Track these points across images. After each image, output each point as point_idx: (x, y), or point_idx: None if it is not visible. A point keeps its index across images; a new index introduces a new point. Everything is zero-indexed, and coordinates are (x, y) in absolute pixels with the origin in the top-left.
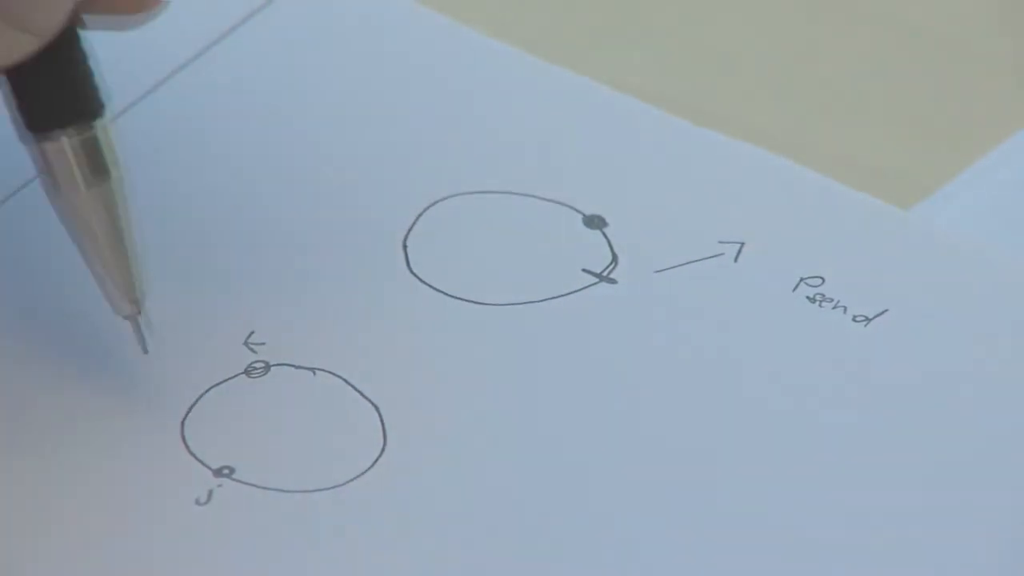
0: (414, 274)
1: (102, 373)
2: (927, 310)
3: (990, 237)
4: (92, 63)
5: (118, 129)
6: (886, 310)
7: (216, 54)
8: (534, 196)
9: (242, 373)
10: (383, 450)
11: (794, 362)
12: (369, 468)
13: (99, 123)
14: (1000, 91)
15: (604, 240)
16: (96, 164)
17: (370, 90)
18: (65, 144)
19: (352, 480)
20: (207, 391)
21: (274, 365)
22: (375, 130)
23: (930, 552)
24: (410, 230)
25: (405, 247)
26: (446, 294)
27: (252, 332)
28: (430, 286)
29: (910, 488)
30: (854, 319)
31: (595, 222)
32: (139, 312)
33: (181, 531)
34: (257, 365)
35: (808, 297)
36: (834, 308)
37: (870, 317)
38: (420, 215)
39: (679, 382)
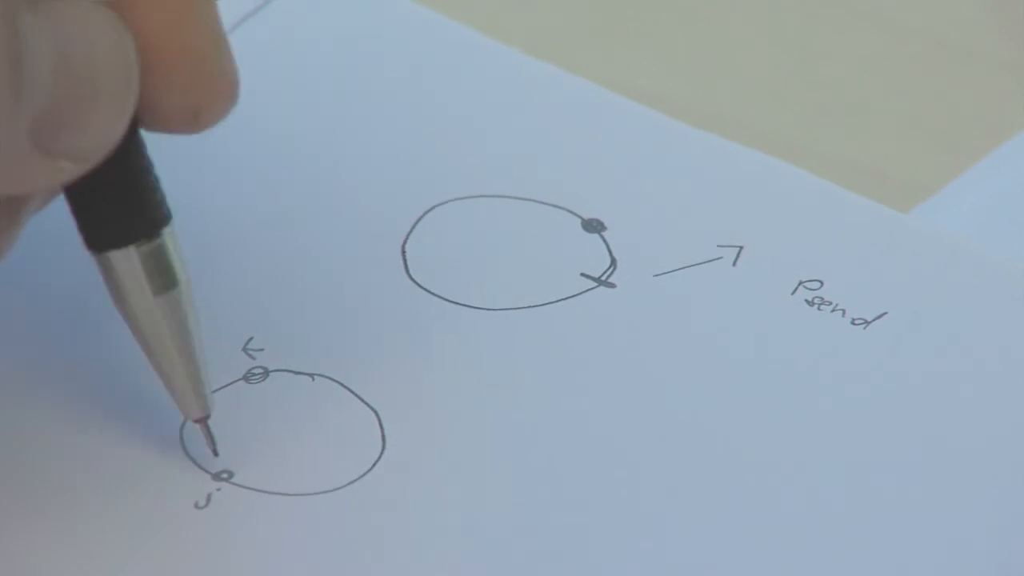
0: (412, 279)
1: (101, 378)
2: (926, 313)
3: (989, 239)
4: (154, 171)
5: None
6: (885, 313)
7: None
8: (532, 200)
9: (241, 379)
10: (381, 454)
11: (793, 365)
12: (367, 472)
13: (166, 232)
14: (1000, 93)
15: (603, 244)
16: (163, 273)
17: (368, 93)
18: (131, 256)
19: (350, 484)
20: None
21: (273, 371)
22: (373, 134)
23: (930, 553)
24: (408, 235)
25: (404, 252)
26: (445, 299)
27: (251, 338)
28: (428, 291)
29: (910, 490)
30: (853, 322)
31: (594, 226)
32: (208, 415)
33: (180, 535)
34: (256, 371)
35: (807, 300)
36: (833, 311)
37: (869, 320)
38: (419, 220)
39: (678, 385)
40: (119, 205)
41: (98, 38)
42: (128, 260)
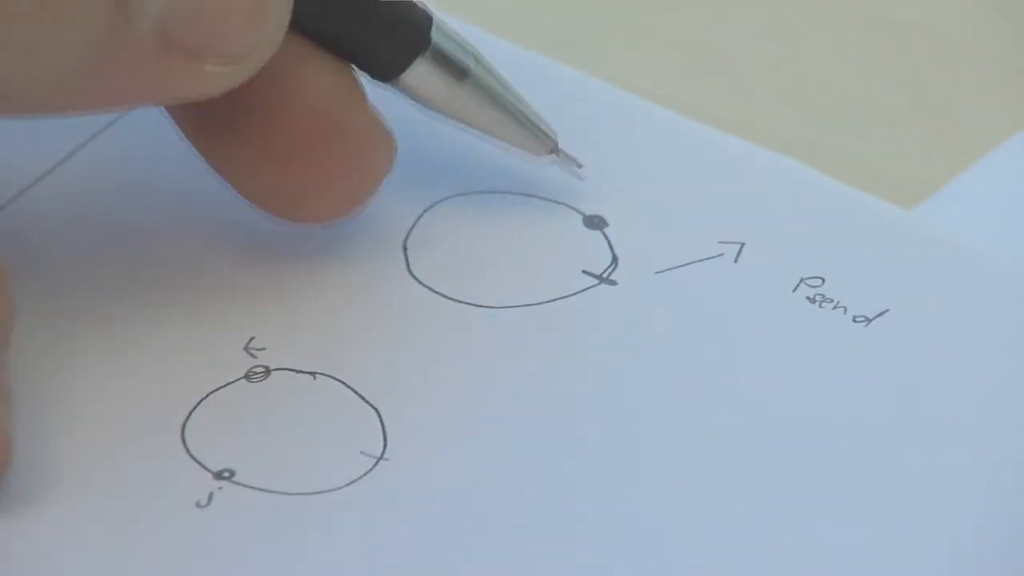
0: (414, 276)
1: (103, 377)
2: (927, 310)
3: (989, 238)
4: None
5: (121, 129)
6: (886, 310)
7: None
8: (534, 196)
9: (242, 378)
10: (383, 452)
11: (794, 362)
12: (369, 471)
13: (434, 33)
14: (1000, 91)
15: (604, 241)
16: (453, 66)
17: (367, 90)
18: (419, 74)
19: (352, 483)
20: (207, 395)
21: (274, 370)
22: None
23: (930, 551)
24: (410, 232)
25: (405, 249)
26: (446, 296)
27: (252, 338)
28: (430, 288)
29: (910, 488)
30: (854, 319)
31: (595, 223)
32: (557, 145)
33: (181, 533)
34: (257, 370)
35: (808, 297)
36: (834, 308)
37: (870, 317)
38: (420, 217)
39: (680, 383)
40: (386, 34)
41: None
42: (421, 73)
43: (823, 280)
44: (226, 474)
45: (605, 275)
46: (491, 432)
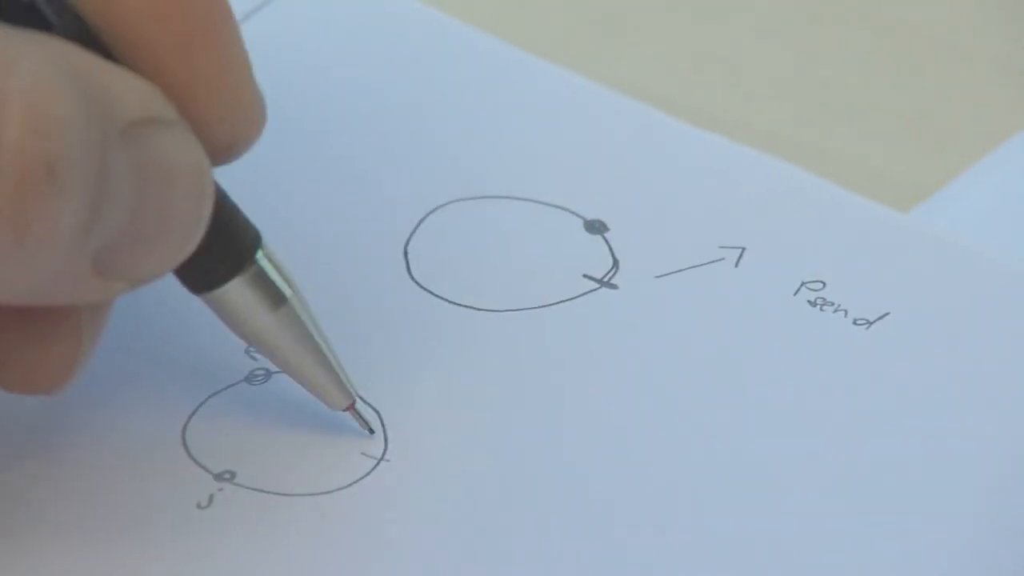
0: (415, 280)
1: (104, 379)
2: (928, 313)
3: (989, 239)
4: (230, 198)
5: None
6: (887, 313)
7: None
8: (535, 201)
9: (243, 380)
10: (383, 455)
11: (796, 366)
12: (370, 472)
13: (260, 253)
14: (999, 92)
15: (605, 245)
16: (270, 292)
17: (369, 93)
18: (234, 291)
19: (352, 484)
20: (208, 398)
21: (275, 372)
22: (375, 134)
23: (931, 554)
24: (411, 236)
25: (406, 253)
26: (447, 300)
27: None
28: (431, 292)
29: (912, 491)
30: (855, 322)
31: (596, 227)
32: (355, 402)
33: (182, 534)
34: (258, 372)
35: (809, 301)
36: (835, 312)
37: (871, 320)
38: (421, 221)
39: (681, 387)
40: (213, 247)
41: (178, 166)
42: (237, 292)
43: (824, 284)
44: (227, 476)
45: (606, 279)
46: (492, 435)
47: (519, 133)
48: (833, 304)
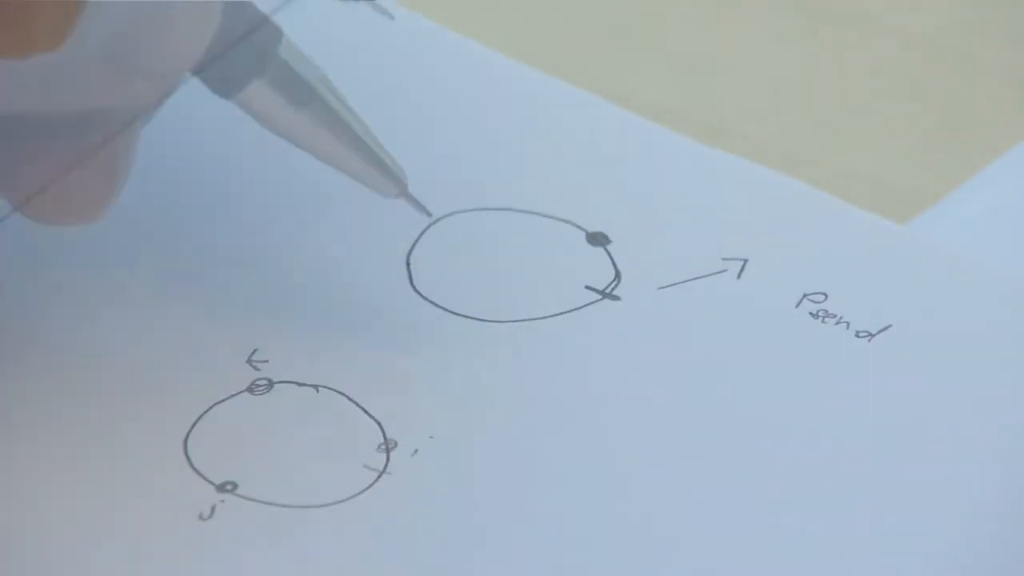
0: (417, 291)
1: (105, 388)
2: (930, 325)
3: (993, 248)
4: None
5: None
6: (889, 325)
7: None
8: (537, 213)
9: (245, 391)
10: (386, 467)
11: (797, 378)
12: (372, 484)
13: (281, 49)
14: (1001, 102)
15: (607, 257)
16: (296, 91)
17: (371, 105)
18: (257, 93)
19: (355, 496)
20: (210, 408)
21: (277, 383)
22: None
23: (936, 562)
24: (413, 247)
25: (408, 264)
26: (449, 311)
27: (255, 350)
28: (433, 303)
29: (915, 501)
30: (857, 335)
31: (598, 239)
32: (406, 188)
33: (184, 546)
34: (260, 383)
35: (811, 313)
36: (837, 324)
37: (873, 333)
38: (423, 232)
39: (682, 398)
40: (233, 50)
41: None
42: (258, 97)
43: (826, 296)
44: (229, 487)
45: (608, 290)
46: (493, 445)
47: (521, 145)
48: (835, 316)
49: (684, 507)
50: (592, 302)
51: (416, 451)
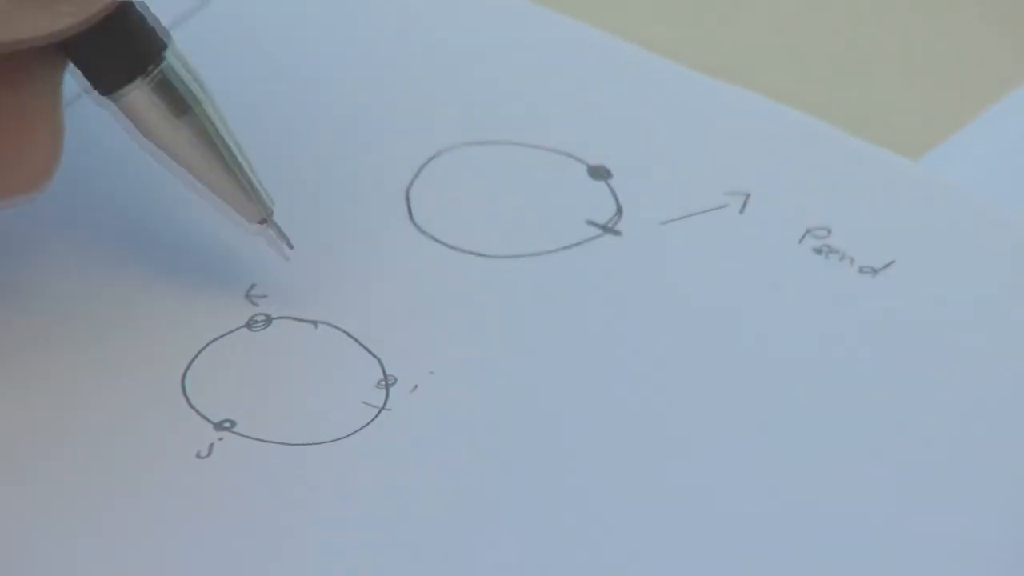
0: (416, 226)
1: (102, 328)
2: (934, 261)
3: (998, 187)
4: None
5: None
6: (893, 261)
7: (215, 5)
8: (538, 147)
9: (243, 326)
10: (385, 403)
11: (800, 313)
12: (371, 421)
13: (167, 57)
14: (1010, 41)
15: (609, 191)
16: (177, 99)
17: (370, 41)
18: (139, 94)
19: (354, 433)
20: (208, 344)
21: (276, 318)
22: (376, 81)
23: (938, 504)
24: (412, 181)
25: (407, 198)
26: (449, 246)
27: (253, 285)
28: (432, 238)
29: (918, 439)
30: (861, 270)
31: (600, 173)
32: (271, 214)
33: (182, 484)
34: (258, 318)
35: (814, 248)
36: (841, 259)
37: (877, 268)
38: (423, 166)
39: (684, 334)
40: (116, 49)
41: None
42: (138, 101)
43: (829, 231)
44: (227, 424)
45: (610, 225)
46: (493, 381)
47: (522, 79)
48: (838, 252)
49: (684, 439)
50: (593, 237)
51: (416, 387)
